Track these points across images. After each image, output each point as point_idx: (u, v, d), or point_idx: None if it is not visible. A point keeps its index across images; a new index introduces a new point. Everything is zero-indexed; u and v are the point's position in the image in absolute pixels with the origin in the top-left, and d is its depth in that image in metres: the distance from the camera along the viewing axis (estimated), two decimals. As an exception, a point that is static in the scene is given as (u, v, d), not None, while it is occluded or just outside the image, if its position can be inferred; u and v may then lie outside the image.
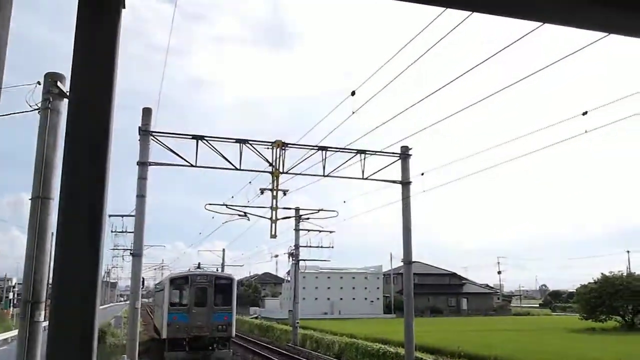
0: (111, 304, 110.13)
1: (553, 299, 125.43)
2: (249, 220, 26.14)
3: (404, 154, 23.51)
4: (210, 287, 28.47)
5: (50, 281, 8.25)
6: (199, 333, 27.29)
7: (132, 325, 22.39)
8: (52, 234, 10.48)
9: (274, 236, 22.64)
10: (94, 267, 1.58)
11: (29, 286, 11.04)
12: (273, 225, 22.42)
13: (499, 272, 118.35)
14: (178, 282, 29.56)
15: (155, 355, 30.56)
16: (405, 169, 23.41)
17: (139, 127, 20.79)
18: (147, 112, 21.14)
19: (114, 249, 56.91)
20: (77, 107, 1.67)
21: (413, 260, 24.11)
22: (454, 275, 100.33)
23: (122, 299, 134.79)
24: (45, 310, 10.94)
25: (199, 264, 37.15)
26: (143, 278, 58.75)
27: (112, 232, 33.68)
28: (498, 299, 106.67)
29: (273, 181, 21.96)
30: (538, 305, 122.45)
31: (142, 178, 21.04)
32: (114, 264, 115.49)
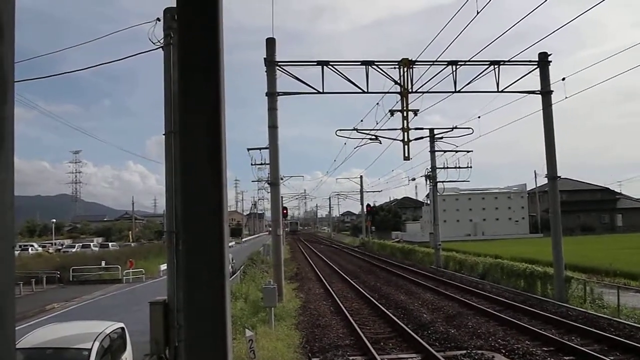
0: (260, 234, 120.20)
1: None
2: (380, 143, 26.00)
3: (543, 61, 21.66)
4: (294, 222, 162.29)
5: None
6: (292, 230, 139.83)
7: (276, 251, 23.31)
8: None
9: (407, 158, 22.19)
10: (218, 194, 1.59)
11: (172, 216, 11.60)
12: (406, 147, 21.89)
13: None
14: (290, 224, 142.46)
15: (301, 280, 32.42)
16: (544, 77, 21.62)
17: (264, 58, 20.90)
18: (270, 43, 21.11)
19: (257, 181, 60.01)
20: (185, 34, 1.71)
21: (559, 175, 22.64)
22: (606, 190, 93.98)
23: (270, 229, 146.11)
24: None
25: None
26: (286, 208, 61.36)
27: (252, 165, 35.31)
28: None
29: (402, 101, 21.25)
30: None
31: (272, 109, 21.33)
32: (259, 196, 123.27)
